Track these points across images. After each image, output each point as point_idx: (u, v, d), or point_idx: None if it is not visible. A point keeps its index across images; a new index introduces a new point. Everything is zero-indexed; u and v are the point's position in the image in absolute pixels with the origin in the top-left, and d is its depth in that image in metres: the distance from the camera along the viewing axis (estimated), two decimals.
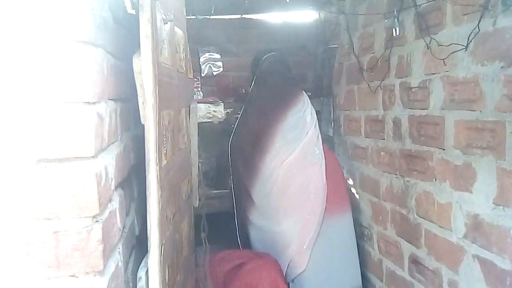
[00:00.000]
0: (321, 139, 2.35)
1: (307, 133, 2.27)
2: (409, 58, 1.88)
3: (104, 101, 0.80)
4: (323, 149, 2.32)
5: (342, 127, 2.66)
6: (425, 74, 1.76)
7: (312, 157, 2.26)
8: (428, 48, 1.71)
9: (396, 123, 2.01)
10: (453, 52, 1.55)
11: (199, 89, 2.50)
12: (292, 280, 2.23)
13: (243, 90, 2.65)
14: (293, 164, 2.23)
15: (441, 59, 1.62)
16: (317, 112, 2.68)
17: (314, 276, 2.22)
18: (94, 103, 0.73)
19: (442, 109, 1.66)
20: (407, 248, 1.99)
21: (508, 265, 1.36)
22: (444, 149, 1.66)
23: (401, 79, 1.95)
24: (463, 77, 1.53)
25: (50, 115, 0.69)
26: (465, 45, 1.48)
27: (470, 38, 1.45)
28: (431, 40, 1.68)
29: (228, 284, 1.96)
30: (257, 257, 2.11)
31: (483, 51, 1.42)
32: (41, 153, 0.70)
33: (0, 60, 0.67)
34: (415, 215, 1.89)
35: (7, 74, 0.68)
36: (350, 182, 2.53)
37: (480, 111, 1.45)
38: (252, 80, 2.51)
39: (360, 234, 2.41)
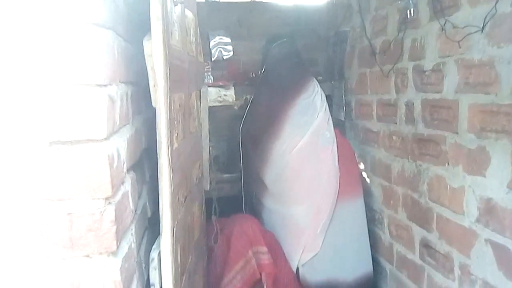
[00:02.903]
0: (332, 123, 2.33)
1: (317, 118, 2.26)
2: (422, 41, 1.84)
3: (116, 84, 0.80)
4: (335, 133, 2.31)
5: (354, 111, 2.64)
6: (439, 57, 1.73)
7: (323, 141, 2.25)
8: (442, 31, 1.67)
9: (409, 107, 1.98)
10: (468, 34, 1.52)
11: (210, 73, 2.49)
12: (303, 265, 2.25)
13: (253, 74, 2.64)
14: (305, 148, 2.22)
15: (456, 42, 1.59)
16: (328, 97, 2.66)
17: (326, 259, 2.23)
18: (105, 85, 0.73)
19: (456, 93, 1.63)
20: (418, 232, 1.98)
21: None
22: (457, 133, 1.64)
23: (414, 62, 1.92)
24: (478, 60, 1.50)
25: (61, 98, 0.70)
26: (481, 27, 1.44)
27: (487, 20, 1.42)
28: (446, 22, 1.65)
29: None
30: (235, 216, 2.21)
31: (499, 33, 1.39)
32: (54, 136, 0.71)
33: (14, 43, 0.67)
34: (427, 199, 1.88)
35: (20, 57, 0.68)
36: (361, 166, 2.52)
37: (496, 94, 1.42)
38: (262, 68, 2.50)
39: (371, 218, 2.41)
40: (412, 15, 1.86)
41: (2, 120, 0.69)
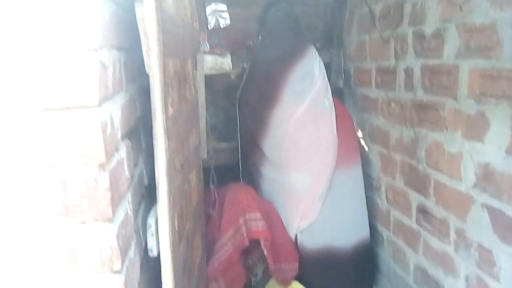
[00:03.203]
0: (330, 90, 2.31)
1: (315, 85, 2.23)
2: (423, 5, 1.80)
3: (107, 49, 0.78)
4: (333, 101, 2.29)
5: (352, 79, 2.61)
6: (440, 21, 1.70)
7: (321, 108, 2.23)
8: None
9: (408, 73, 1.96)
10: None
11: (206, 41, 2.44)
12: (301, 232, 2.27)
13: (251, 42, 2.59)
14: (303, 116, 2.21)
15: (457, 5, 1.55)
16: (327, 64, 2.62)
17: (324, 226, 2.25)
18: (96, 50, 0.71)
19: (457, 58, 1.61)
20: (415, 198, 2.00)
21: None
22: (457, 99, 1.63)
23: (414, 27, 1.88)
24: (480, 23, 1.47)
25: (52, 64, 0.68)
26: None
27: None
28: None
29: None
30: (229, 185, 2.23)
31: None
32: (46, 102, 0.69)
33: (1, 10, 0.65)
34: (425, 165, 1.88)
35: (9, 23, 0.66)
36: (360, 134, 2.52)
37: (497, 58, 1.40)
38: (259, 34, 2.45)
39: (369, 186, 2.42)
40: None
41: None
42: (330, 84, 2.35)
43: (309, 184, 2.23)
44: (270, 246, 2.11)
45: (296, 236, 2.28)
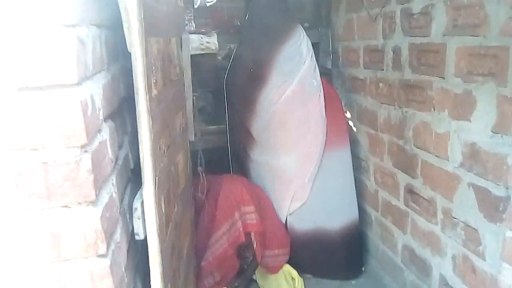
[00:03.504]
0: (318, 71, 2.29)
1: (303, 65, 2.21)
2: None
3: (85, 26, 0.75)
4: (321, 81, 2.28)
5: (341, 59, 2.59)
6: None
7: (310, 89, 2.22)
8: None
9: (396, 52, 1.94)
10: None
11: (192, 21, 2.39)
12: (290, 214, 2.28)
13: (238, 22, 2.55)
14: (291, 97, 2.19)
15: None
16: (315, 44, 2.59)
17: (313, 208, 2.26)
18: (73, 25, 0.68)
19: (444, 36, 1.60)
20: (403, 179, 2.00)
21: (502, 191, 1.37)
22: (444, 78, 1.62)
23: (402, 5, 1.86)
24: (467, 0, 1.45)
25: (27, 40, 0.65)
26: None
27: None
28: None
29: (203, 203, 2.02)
30: (224, 176, 2.22)
31: None
32: (22, 81, 0.66)
33: None
34: (412, 145, 1.89)
35: None
36: (348, 115, 2.51)
37: (484, 36, 1.39)
38: (246, 14, 2.40)
39: (357, 167, 2.43)
40: None
41: None
42: (318, 64, 2.33)
43: (299, 166, 2.23)
44: (260, 238, 2.11)
45: (286, 218, 2.29)
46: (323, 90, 2.26)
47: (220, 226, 2.00)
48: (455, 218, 1.63)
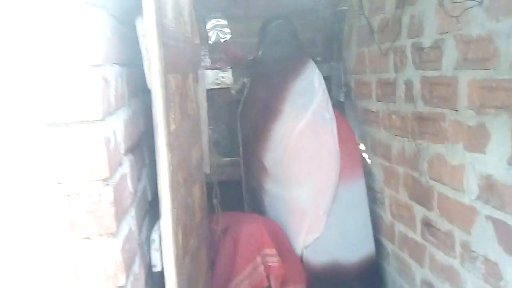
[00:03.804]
0: (331, 104, 2.32)
1: (316, 98, 2.25)
2: (421, 17, 1.82)
3: (109, 65, 0.80)
4: (334, 114, 2.31)
5: (353, 92, 2.62)
6: (437, 34, 1.71)
7: (323, 121, 2.24)
8: (441, 6, 1.65)
9: (408, 85, 1.97)
10: (467, 9, 1.50)
11: (207, 56, 2.47)
12: (306, 247, 2.26)
13: (251, 56, 2.62)
14: (304, 130, 2.22)
15: (454, 17, 1.57)
16: (327, 78, 2.64)
17: (329, 241, 2.24)
18: (98, 65, 0.72)
19: (455, 69, 1.62)
20: (419, 211, 1.99)
21: None
22: (457, 110, 1.63)
23: (412, 39, 1.90)
24: (477, 35, 1.48)
25: (55, 79, 0.69)
26: (480, 0, 1.42)
27: None
28: None
29: (219, 244, 2.01)
30: (242, 216, 2.20)
31: (498, 5, 1.37)
32: (50, 118, 0.70)
33: (7, 26, 0.66)
34: (427, 177, 1.88)
35: (12, 39, 0.67)
36: (362, 147, 2.52)
37: (495, 69, 1.41)
38: (259, 49, 2.48)
39: (372, 199, 2.42)
40: None
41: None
42: (331, 97, 2.37)
43: (313, 199, 2.23)
44: (281, 280, 2.09)
45: (301, 252, 2.27)
46: (339, 123, 2.29)
47: (241, 270, 1.97)
48: (474, 251, 1.60)
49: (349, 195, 2.26)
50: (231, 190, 2.36)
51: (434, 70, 1.76)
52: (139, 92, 1.11)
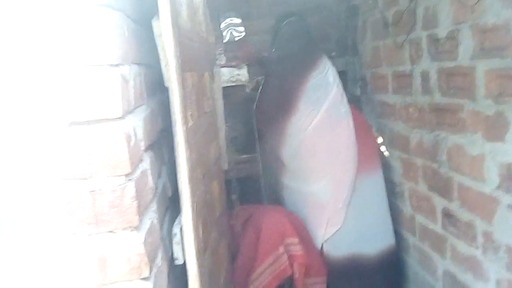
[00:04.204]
0: (346, 98, 2.32)
1: (331, 93, 2.26)
2: (435, 9, 1.81)
3: (128, 64, 0.82)
4: (349, 108, 2.31)
5: (369, 86, 2.61)
6: (452, 24, 1.70)
7: (338, 115, 2.25)
8: None
9: (424, 77, 1.96)
10: None
11: (222, 55, 2.49)
12: (326, 240, 2.27)
13: (267, 54, 2.63)
14: (320, 124, 2.22)
15: (469, 6, 1.55)
16: (343, 72, 2.63)
17: (348, 234, 2.25)
18: (117, 65, 0.75)
19: (472, 59, 1.60)
20: (439, 202, 1.97)
21: None
22: (474, 100, 1.62)
23: (427, 31, 1.89)
24: (493, 24, 1.47)
25: (76, 79, 0.72)
26: None
27: None
28: None
29: (242, 235, 2.03)
30: (262, 208, 2.21)
31: None
32: (73, 117, 0.73)
33: (28, 29, 0.70)
34: (447, 168, 1.86)
35: (36, 42, 0.70)
36: (380, 140, 2.51)
37: None
38: (273, 46, 2.49)
39: (391, 192, 2.40)
40: None
41: (25, 105, 0.72)
42: (347, 92, 2.36)
43: (331, 192, 2.24)
44: (303, 270, 2.10)
45: (322, 245, 2.28)
46: (354, 117, 2.29)
47: (264, 260, 2.00)
48: (496, 241, 1.59)
49: (367, 187, 2.26)
50: (249, 186, 2.39)
51: (451, 60, 1.74)
52: (156, 91, 1.14)
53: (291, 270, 2.03)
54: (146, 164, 0.91)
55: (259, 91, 2.43)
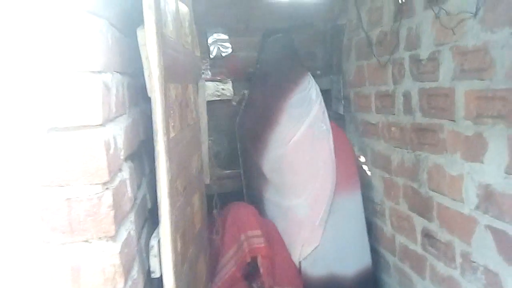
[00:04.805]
0: (327, 115, 2.35)
1: (312, 110, 2.29)
2: (418, 30, 1.85)
3: (110, 72, 0.82)
4: (331, 126, 2.33)
5: (353, 104, 2.64)
6: (434, 45, 1.74)
7: (319, 133, 2.27)
8: (436, 18, 1.68)
9: (406, 96, 1.99)
10: (462, 21, 1.53)
11: (208, 70, 2.50)
12: (304, 259, 2.26)
13: (252, 69, 2.65)
14: (300, 140, 2.24)
15: (450, 29, 1.60)
16: (327, 91, 2.67)
17: (326, 254, 2.24)
18: (99, 72, 0.74)
19: (452, 80, 1.64)
20: (419, 222, 1.99)
21: None
22: (454, 121, 1.65)
23: (410, 52, 1.93)
24: (472, 46, 1.51)
25: (57, 85, 0.71)
26: (474, 12, 1.45)
27: (479, 5, 1.43)
28: (439, 9, 1.65)
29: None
30: (236, 203, 2.29)
31: (492, 17, 1.40)
32: (51, 122, 0.72)
33: (9, 32, 0.69)
34: (427, 188, 1.88)
35: (15, 45, 0.69)
36: (362, 159, 2.53)
37: (491, 79, 1.43)
38: (257, 63, 2.52)
39: (372, 211, 2.42)
40: (403, 0, 1.87)
41: (2, 109, 0.71)
42: (330, 110, 2.39)
43: (308, 209, 2.24)
44: (268, 265, 2.11)
45: (300, 263, 2.26)
46: (335, 135, 2.30)
47: (227, 250, 2.05)
48: (474, 262, 1.60)
49: (345, 206, 2.27)
50: (231, 201, 2.37)
51: (432, 81, 1.78)
52: (139, 102, 1.13)
53: (249, 258, 2.06)
54: (125, 173, 0.89)
55: (242, 105, 2.44)
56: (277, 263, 2.13)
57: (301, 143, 2.24)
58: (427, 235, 1.92)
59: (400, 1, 1.88)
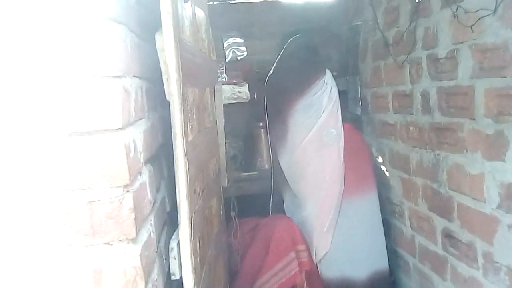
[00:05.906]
0: (341, 120, 2.33)
1: (322, 116, 2.27)
2: (435, 29, 1.83)
3: (130, 77, 0.83)
4: (344, 129, 2.31)
5: (370, 105, 2.63)
6: (452, 44, 1.72)
7: (328, 138, 2.26)
8: (454, 17, 1.66)
9: (425, 96, 1.97)
10: (480, 18, 1.50)
11: (224, 73, 2.52)
12: (320, 261, 2.26)
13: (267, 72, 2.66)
14: (308, 146, 2.24)
15: (468, 27, 1.57)
16: (344, 92, 2.65)
17: (338, 257, 2.24)
18: (119, 77, 0.76)
19: (471, 78, 1.62)
20: (439, 223, 1.96)
21: None
22: (474, 119, 1.62)
23: (428, 51, 1.91)
24: (492, 43, 1.48)
25: (78, 90, 0.73)
26: (493, 9, 1.43)
27: (498, 2, 1.40)
28: (457, 8, 1.63)
29: (249, 243, 2.02)
30: (271, 217, 2.25)
31: None
32: (73, 127, 0.74)
33: (33, 39, 0.71)
34: (447, 188, 1.86)
35: (40, 53, 0.71)
36: (380, 160, 2.51)
37: (511, 77, 1.41)
38: (274, 65, 2.52)
39: (391, 212, 2.39)
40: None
41: (25, 114, 0.73)
42: (347, 111, 2.37)
43: (316, 216, 2.25)
44: (311, 278, 2.09)
45: (317, 266, 2.27)
46: (347, 137, 2.29)
47: (273, 265, 2.01)
48: (496, 262, 1.57)
49: (357, 210, 2.25)
50: (249, 204, 2.38)
51: (450, 80, 1.75)
52: (157, 106, 1.15)
53: (301, 277, 2.02)
54: (145, 176, 0.91)
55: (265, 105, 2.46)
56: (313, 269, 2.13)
57: (308, 149, 2.25)
58: (448, 235, 1.89)
59: (416, 1, 1.87)
